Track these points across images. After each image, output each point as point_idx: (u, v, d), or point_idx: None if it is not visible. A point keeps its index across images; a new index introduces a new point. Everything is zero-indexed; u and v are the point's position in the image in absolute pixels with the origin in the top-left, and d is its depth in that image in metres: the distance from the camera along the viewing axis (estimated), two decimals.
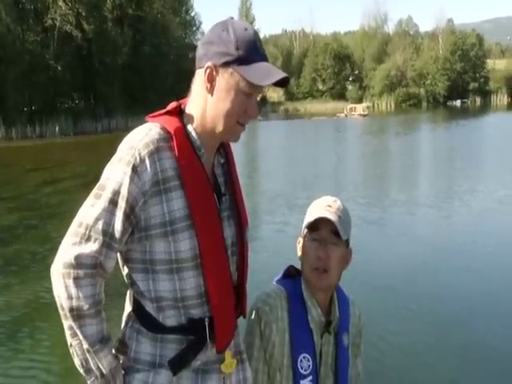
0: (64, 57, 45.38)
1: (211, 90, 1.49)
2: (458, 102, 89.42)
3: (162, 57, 53.56)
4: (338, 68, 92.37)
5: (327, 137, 33.86)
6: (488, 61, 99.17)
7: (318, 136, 34.24)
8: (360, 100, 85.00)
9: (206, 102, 1.51)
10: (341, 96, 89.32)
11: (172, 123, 1.49)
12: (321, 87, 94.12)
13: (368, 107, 70.28)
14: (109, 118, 47.50)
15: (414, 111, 70.26)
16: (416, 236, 9.18)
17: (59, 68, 44.73)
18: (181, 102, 1.58)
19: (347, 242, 1.88)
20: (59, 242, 1.45)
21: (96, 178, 1.49)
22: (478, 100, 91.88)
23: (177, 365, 1.49)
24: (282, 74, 1.47)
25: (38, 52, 44.11)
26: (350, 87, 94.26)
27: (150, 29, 53.69)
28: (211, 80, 1.48)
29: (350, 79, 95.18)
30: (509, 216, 10.42)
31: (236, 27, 1.47)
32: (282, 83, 1.51)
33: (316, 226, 1.82)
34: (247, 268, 1.65)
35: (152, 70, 51.55)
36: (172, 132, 1.47)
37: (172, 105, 1.55)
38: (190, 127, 1.51)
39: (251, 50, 1.46)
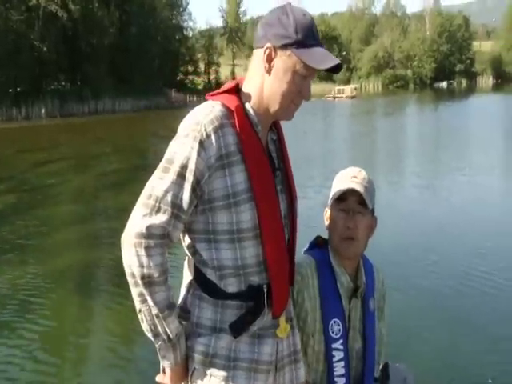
0: (49, 37, 44.73)
1: (269, 70, 1.56)
2: (444, 84, 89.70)
3: (148, 38, 53.01)
4: (325, 49, 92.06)
5: (319, 119, 33.90)
6: (474, 43, 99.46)
7: (311, 117, 34.25)
8: (347, 81, 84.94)
9: (263, 82, 1.58)
10: (328, 77, 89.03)
11: (232, 101, 1.56)
12: None
13: (356, 88, 70.27)
14: (96, 99, 47.03)
15: (401, 93, 70.35)
16: (405, 211, 9.39)
17: (44, 49, 44.10)
18: (237, 80, 1.65)
19: (373, 211, 1.96)
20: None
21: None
22: (464, 82, 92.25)
23: (237, 329, 1.57)
24: (337, 60, 1.58)
25: (23, 32, 43.36)
26: None
27: (137, 9, 53.05)
28: (270, 60, 1.55)
29: None
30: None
31: (295, 12, 1.55)
32: (335, 69, 1.61)
33: (343, 196, 1.91)
34: (296, 239, 1.73)
35: (139, 51, 51.01)
36: (233, 109, 1.54)
37: (230, 83, 1.63)
38: (247, 105, 1.58)
39: (309, 35, 1.55)
